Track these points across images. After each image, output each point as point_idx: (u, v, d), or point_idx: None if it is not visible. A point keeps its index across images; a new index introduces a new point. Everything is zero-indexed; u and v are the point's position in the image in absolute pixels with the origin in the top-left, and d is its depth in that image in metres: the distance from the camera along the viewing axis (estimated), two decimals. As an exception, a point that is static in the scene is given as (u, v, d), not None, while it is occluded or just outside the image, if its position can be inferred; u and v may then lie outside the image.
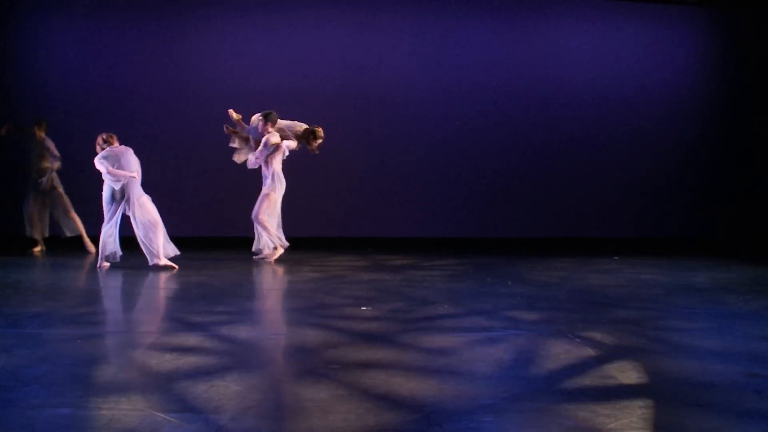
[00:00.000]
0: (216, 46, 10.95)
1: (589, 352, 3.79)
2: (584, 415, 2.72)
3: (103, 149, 7.28)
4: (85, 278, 6.71)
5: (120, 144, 7.41)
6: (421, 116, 11.30)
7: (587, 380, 3.26)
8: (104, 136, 7.39)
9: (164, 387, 3.08)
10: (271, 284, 6.80)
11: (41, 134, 8.95)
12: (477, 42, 11.50)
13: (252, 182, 8.65)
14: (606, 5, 11.82)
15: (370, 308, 5.09)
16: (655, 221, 11.76)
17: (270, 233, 7.96)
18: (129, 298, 6.07)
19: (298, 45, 11.06)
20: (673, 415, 2.78)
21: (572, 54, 11.69)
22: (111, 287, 6.43)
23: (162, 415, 2.66)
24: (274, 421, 2.66)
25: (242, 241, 8.63)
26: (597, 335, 4.20)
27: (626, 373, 3.36)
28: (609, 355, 3.74)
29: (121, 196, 7.21)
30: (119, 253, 7.32)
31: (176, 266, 7.17)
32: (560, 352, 3.75)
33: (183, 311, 5.03)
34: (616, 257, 8.85)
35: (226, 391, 2.97)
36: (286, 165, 8.73)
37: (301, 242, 8.74)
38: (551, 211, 11.45)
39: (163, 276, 6.87)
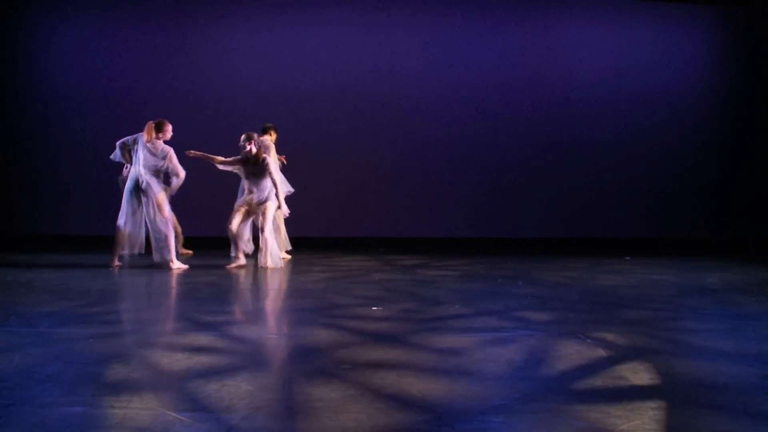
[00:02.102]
0: (226, 46, 10.99)
1: (601, 352, 3.78)
2: (596, 416, 2.71)
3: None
4: (98, 278, 6.74)
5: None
6: (433, 116, 11.30)
7: (599, 381, 3.24)
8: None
9: (176, 386, 3.09)
10: (282, 284, 6.81)
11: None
12: (489, 41, 11.48)
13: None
14: (618, 4, 11.77)
15: (380, 308, 5.09)
16: (668, 221, 11.71)
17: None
18: (141, 297, 6.10)
19: (309, 45, 11.09)
20: (686, 416, 2.76)
21: (585, 53, 11.66)
22: (123, 287, 6.46)
23: (173, 414, 2.67)
24: (284, 420, 2.66)
25: (253, 241, 8.65)
26: (608, 336, 4.18)
27: (638, 374, 3.34)
28: (621, 355, 3.73)
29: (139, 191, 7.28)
30: (138, 248, 7.41)
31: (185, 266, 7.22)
32: (571, 353, 3.74)
33: (194, 311, 5.05)
34: (627, 257, 8.81)
35: (237, 391, 2.98)
36: (297, 164, 8.78)
37: (312, 242, 8.76)
38: (563, 211, 11.42)
39: (175, 276, 6.90)
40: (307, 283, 6.56)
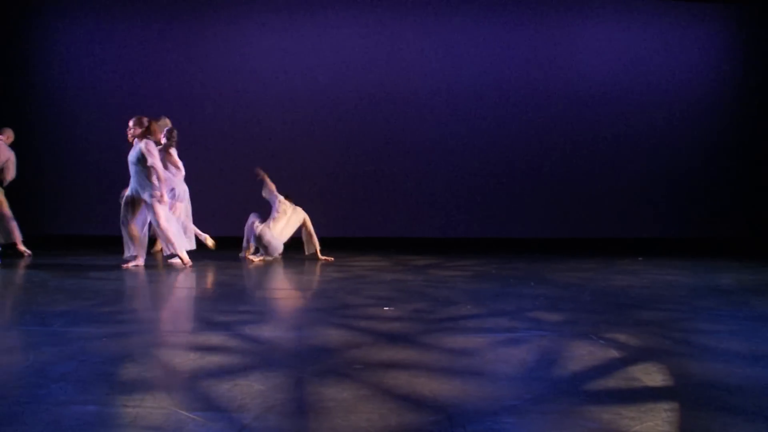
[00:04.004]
0: (235, 47, 11.04)
1: (613, 353, 3.76)
2: (608, 417, 2.70)
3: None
4: (111, 278, 6.78)
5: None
6: (446, 116, 11.29)
7: (611, 382, 3.23)
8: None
9: (188, 385, 3.10)
10: (294, 284, 6.82)
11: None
12: (497, 41, 11.46)
13: (276, 182, 8.70)
14: (628, 3, 11.71)
15: (392, 308, 5.09)
16: (681, 221, 11.65)
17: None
18: (153, 297, 6.12)
19: (319, 46, 11.12)
20: (699, 418, 2.74)
21: (596, 52, 11.61)
22: (135, 287, 6.49)
23: (186, 413, 2.68)
24: (296, 420, 2.67)
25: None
26: (621, 337, 4.16)
27: (651, 376, 3.32)
28: (633, 356, 3.71)
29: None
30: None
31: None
32: (584, 354, 3.72)
33: (206, 310, 5.07)
34: (640, 258, 8.77)
35: (249, 390, 2.99)
36: (309, 164, 8.73)
37: (324, 242, 8.76)
38: (575, 211, 11.39)
39: (187, 275, 6.92)
40: (318, 283, 6.57)
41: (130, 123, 7.47)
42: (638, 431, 2.55)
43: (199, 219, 8.93)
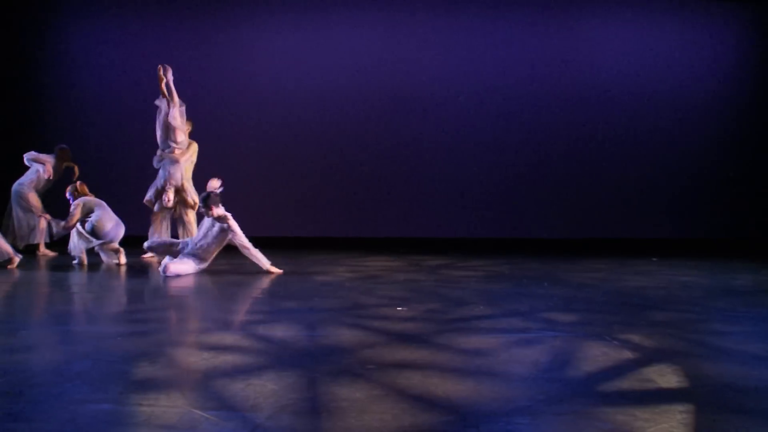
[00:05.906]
0: (247, 47, 11.08)
1: (627, 354, 3.74)
2: (622, 418, 2.68)
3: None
4: (125, 278, 6.82)
5: None
6: (457, 116, 11.27)
7: (625, 383, 3.21)
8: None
9: (202, 385, 3.12)
10: (307, 284, 6.83)
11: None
12: (507, 40, 11.43)
13: (283, 182, 8.73)
14: (640, 2, 11.64)
15: (405, 308, 5.09)
16: (696, 222, 11.56)
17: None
18: (166, 297, 6.16)
19: (328, 47, 11.14)
20: (715, 420, 2.73)
21: (608, 51, 11.56)
22: (149, 287, 6.53)
23: (200, 412, 2.69)
24: (310, 419, 2.67)
25: (278, 241, 8.68)
26: (635, 338, 4.14)
27: (665, 377, 3.30)
28: (647, 358, 3.69)
29: None
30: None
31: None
32: (598, 355, 3.70)
33: (220, 310, 5.08)
34: (654, 258, 8.72)
35: (262, 390, 3.00)
36: (320, 164, 8.71)
37: (336, 242, 8.78)
38: (589, 211, 11.33)
39: (200, 276, 6.96)
40: (331, 283, 6.58)
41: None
42: (653, 433, 2.54)
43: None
